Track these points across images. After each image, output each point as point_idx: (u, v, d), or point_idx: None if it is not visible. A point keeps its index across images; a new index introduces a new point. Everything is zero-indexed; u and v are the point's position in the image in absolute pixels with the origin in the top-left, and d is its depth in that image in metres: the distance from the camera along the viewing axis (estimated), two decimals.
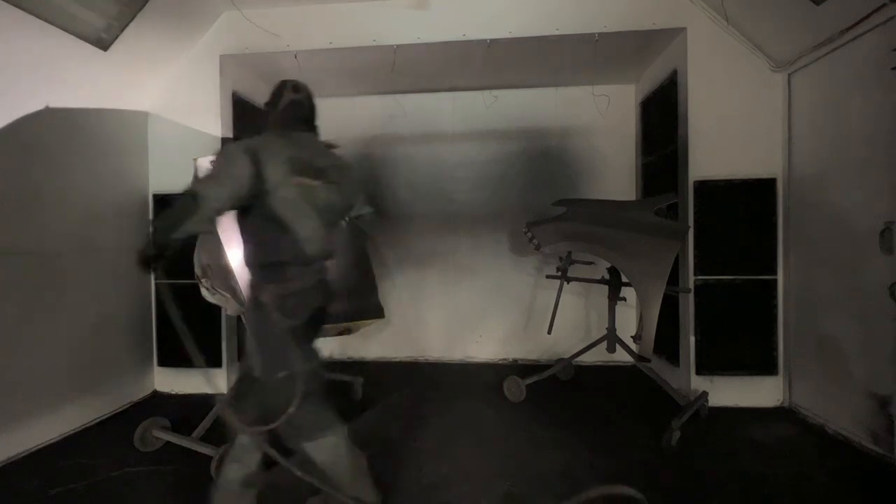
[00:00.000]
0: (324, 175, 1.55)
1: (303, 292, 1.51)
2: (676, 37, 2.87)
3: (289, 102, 1.64)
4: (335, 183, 1.58)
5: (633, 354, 2.83)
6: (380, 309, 3.01)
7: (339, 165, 1.65)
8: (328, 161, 1.61)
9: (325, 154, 1.64)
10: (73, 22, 2.30)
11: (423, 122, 3.86)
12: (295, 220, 1.47)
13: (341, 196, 1.62)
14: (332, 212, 1.60)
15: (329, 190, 1.55)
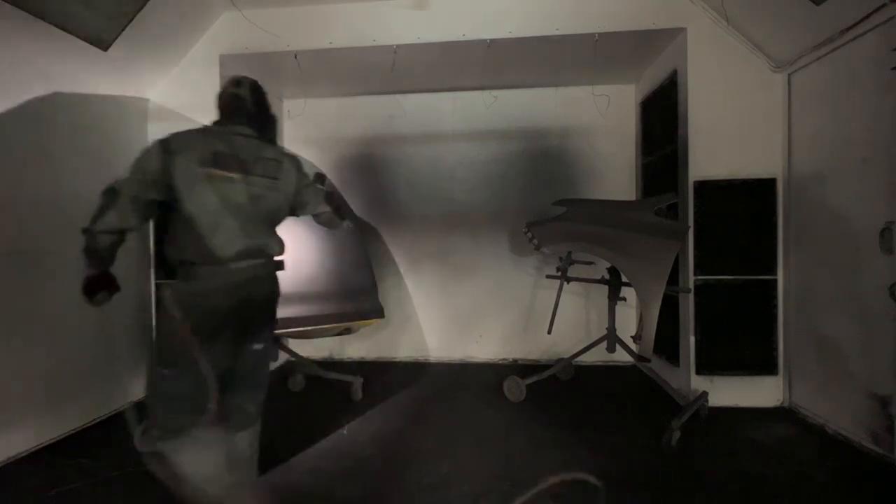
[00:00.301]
0: (250, 169, 1.48)
1: (208, 293, 1.44)
2: (676, 37, 2.87)
3: (228, 96, 1.58)
4: (270, 178, 1.51)
5: (633, 354, 2.83)
6: (380, 309, 3.01)
7: (279, 160, 1.57)
8: (262, 154, 1.53)
9: (257, 148, 1.54)
10: (73, 22, 2.30)
11: (423, 122, 3.86)
12: (203, 217, 1.41)
13: (280, 192, 1.55)
14: (264, 208, 1.52)
15: (260, 185, 1.49)
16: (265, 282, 1.58)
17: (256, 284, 1.54)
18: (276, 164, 1.55)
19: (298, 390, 3.12)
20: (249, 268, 1.50)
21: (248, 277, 1.50)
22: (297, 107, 3.87)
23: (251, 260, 1.50)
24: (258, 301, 1.55)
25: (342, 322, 2.69)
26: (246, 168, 1.47)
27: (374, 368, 3.61)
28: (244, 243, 1.47)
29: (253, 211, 1.49)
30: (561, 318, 3.08)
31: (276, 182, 1.53)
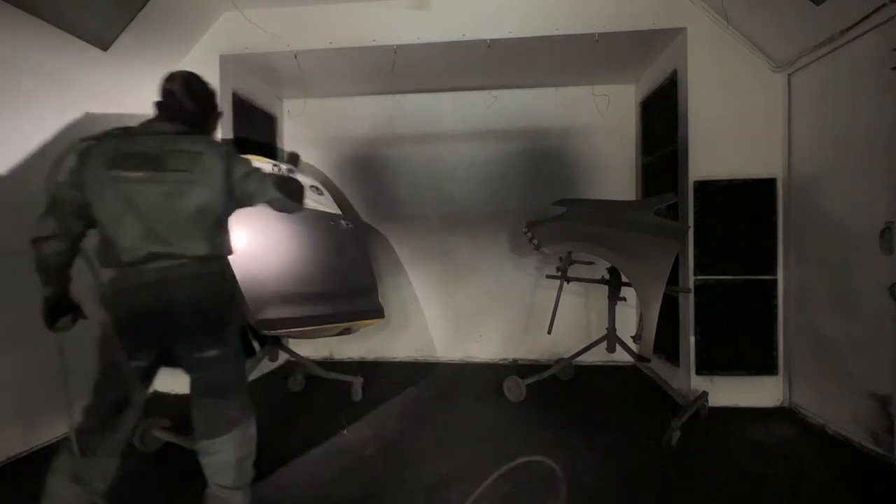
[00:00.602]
0: (161, 165, 1.39)
1: (121, 297, 1.39)
2: (676, 37, 2.87)
3: (161, 93, 1.54)
4: (184, 171, 1.40)
5: (633, 354, 2.83)
6: (380, 309, 3.01)
7: (197, 152, 1.44)
8: (176, 148, 1.42)
9: (172, 142, 1.44)
10: (73, 22, 2.30)
11: (423, 122, 3.86)
12: (109, 220, 1.37)
13: (202, 185, 1.42)
14: (181, 205, 1.40)
15: (173, 181, 1.39)
16: (189, 283, 1.43)
17: (175, 287, 1.42)
18: (192, 157, 1.42)
19: (298, 390, 3.12)
20: (163, 269, 1.39)
21: (160, 279, 1.39)
22: (297, 107, 3.87)
23: (165, 261, 1.39)
24: (182, 304, 1.42)
25: (342, 322, 2.69)
26: (155, 165, 1.38)
27: (374, 368, 3.61)
28: (153, 245, 1.38)
29: (166, 210, 1.39)
30: (561, 318, 3.08)
31: (193, 175, 1.41)
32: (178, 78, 1.55)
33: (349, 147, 3.93)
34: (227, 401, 1.54)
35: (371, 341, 3.89)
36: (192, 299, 1.44)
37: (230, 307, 1.57)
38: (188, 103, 1.53)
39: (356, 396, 2.92)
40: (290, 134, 3.93)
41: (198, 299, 1.45)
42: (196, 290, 1.45)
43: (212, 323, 1.48)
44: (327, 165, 3.93)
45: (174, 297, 1.42)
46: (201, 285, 1.46)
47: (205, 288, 1.47)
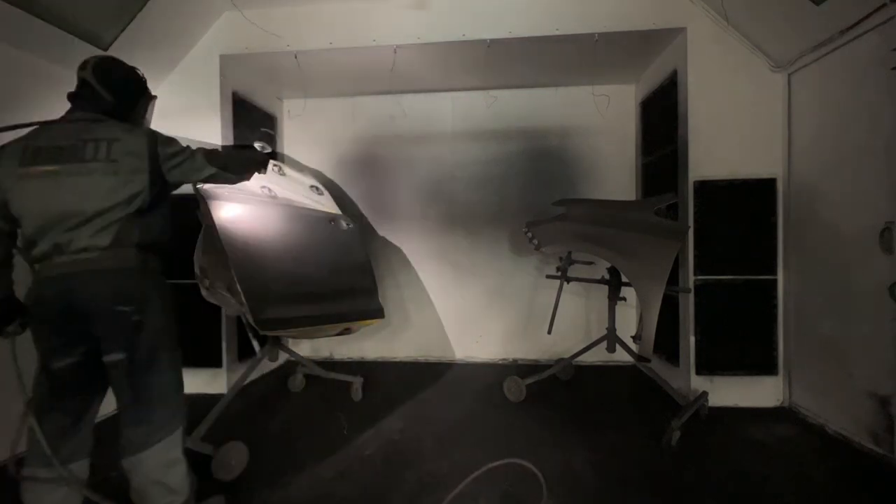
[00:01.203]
0: (75, 156, 1.32)
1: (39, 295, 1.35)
2: (676, 37, 2.87)
3: (77, 82, 1.47)
4: (103, 160, 1.32)
5: (633, 354, 2.83)
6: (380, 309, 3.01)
7: (115, 138, 1.36)
8: (90, 137, 1.35)
9: (86, 131, 1.36)
10: (73, 22, 2.30)
11: (423, 122, 3.86)
12: (25, 217, 1.33)
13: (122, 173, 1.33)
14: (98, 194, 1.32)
15: (89, 171, 1.31)
16: (103, 278, 1.33)
17: (87, 281, 1.32)
18: (108, 145, 1.34)
19: (298, 390, 3.12)
20: (76, 262, 1.31)
21: (71, 273, 1.31)
22: (297, 107, 3.87)
23: (71, 255, 1.31)
24: (91, 301, 1.32)
25: (342, 322, 2.69)
26: (68, 157, 1.32)
27: (374, 368, 3.61)
28: (60, 237, 1.31)
29: (82, 200, 1.31)
30: (561, 318, 3.08)
31: (109, 164, 1.33)
32: (90, 64, 1.46)
33: (349, 147, 3.93)
34: (140, 413, 1.39)
35: (371, 341, 3.89)
36: (106, 294, 1.33)
37: (147, 305, 1.38)
38: (103, 90, 1.45)
39: (356, 396, 2.92)
40: (290, 134, 3.93)
41: (100, 295, 1.32)
42: (99, 284, 1.32)
43: (118, 322, 1.33)
44: (327, 165, 3.93)
45: (87, 291, 1.32)
46: (106, 279, 1.33)
47: (110, 283, 1.33)
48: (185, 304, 2.98)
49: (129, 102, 1.53)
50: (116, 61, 1.53)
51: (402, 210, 3.90)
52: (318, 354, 3.93)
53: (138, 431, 1.39)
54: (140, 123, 1.56)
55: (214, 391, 3.03)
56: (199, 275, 2.50)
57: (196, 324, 3.02)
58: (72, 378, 1.37)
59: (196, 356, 3.03)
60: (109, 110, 1.45)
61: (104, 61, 1.50)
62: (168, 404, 1.45)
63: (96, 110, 1.44)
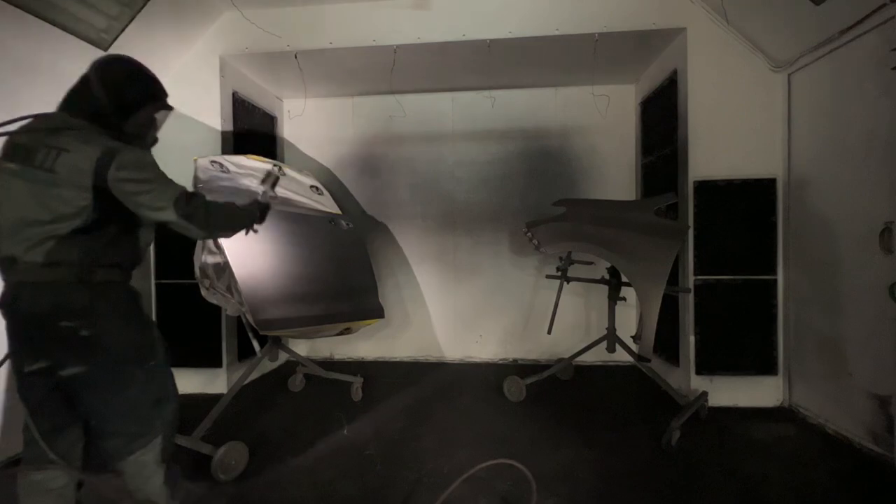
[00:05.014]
0: (30, 159, 1.23)
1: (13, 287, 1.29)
2: (676, 37, 2.87)
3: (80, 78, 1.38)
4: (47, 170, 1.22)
5: (633, 354, 2.83)
6: (380, 309, 3.01)
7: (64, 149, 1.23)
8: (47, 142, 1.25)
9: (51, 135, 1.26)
10: (73, 21, 2.30)
11: (423, 122, 3.86)
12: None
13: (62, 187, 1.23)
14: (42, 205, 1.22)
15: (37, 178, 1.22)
16: (43, 291, 1.25)
17: (31, 294, 1.26)
18: (57, 154, 1.23)
19: (298, 390, 3.12)
20: (24, 272, 1.25)
21: (20, 282, 1.26)
22: (297, 107, 3.88)
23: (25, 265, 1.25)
24: (36, 314, 1.26)
25: (342, 322, 2.69)
26: (26, 159, 1.23)
27: (374, 368, 3.61)
28: (12, 245, 1.25)
29: (32, 208, 1.23)
30: (561, 318, 3.08)
31: (52, 175, 1.22)
32: (95, 65, 1.35)
33: (349, 147, 3.93)
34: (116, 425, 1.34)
35: (371, 341, 3.89)
36: (37, 309, 1.26)
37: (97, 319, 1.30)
38: (100, 90, 1.32)
39: (356, 396, 2.92)
40: (290, 134, 3.93)
41: (43, 309, 1.26)
42: (39, 298, 1.26)
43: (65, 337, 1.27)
44: (327, 165, 3.93)
45: (34, 304, 1.26)
46: (45, 293, 1.26)
47: (49, 297, 1.26)
48: (185, 305, 3.01)
49: (126, 109, 1.37)
50: (125, 60, 1.42)
51: (403, 210, 3.90)
52: (318, 354, 3.93)
53: (110, 444, 1.35)
54: (138, 135, 1.42)
55: (214, 391, 3.03)
56: (199, 275, 2.50)
57: (196, 324, 3.02)
58: (46, 381, 1.32)
59: (196, 356, 3.04)
60: (102, 113, 1.33)
61: (111, 59, 1.40)
62: (140, 416, 1.37)
63: (85, 111, 1.32)
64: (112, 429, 1.35)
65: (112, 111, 1.34)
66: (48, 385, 1.32)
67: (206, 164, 2.43)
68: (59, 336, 1.27)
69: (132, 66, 1.43)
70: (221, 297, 2.52)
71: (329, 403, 2.86)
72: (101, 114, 1.33)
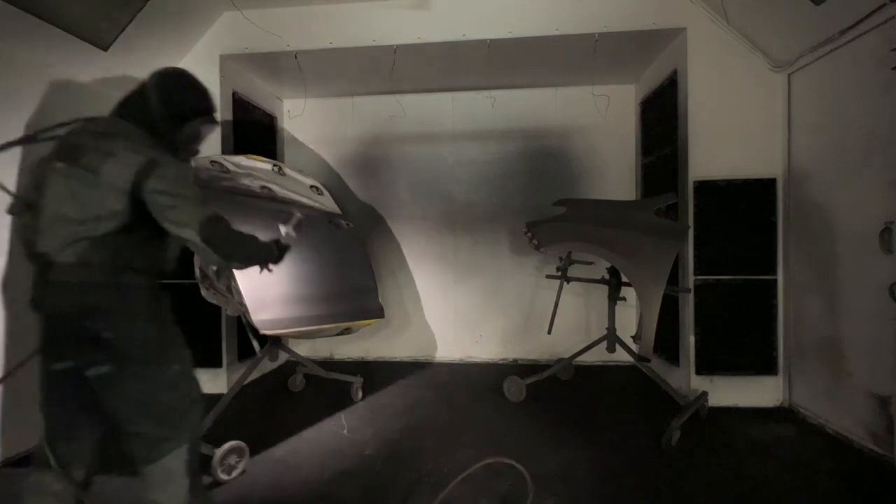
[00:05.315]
0: (76, 159, 1.26)
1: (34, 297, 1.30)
2: (676, 37, 2.87)
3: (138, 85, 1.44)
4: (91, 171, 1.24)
5: (633, 354, 2.83)
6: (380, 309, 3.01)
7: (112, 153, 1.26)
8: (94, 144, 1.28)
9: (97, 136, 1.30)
10: (73, 21, 2.30)
11: (423, 122, 3.86)
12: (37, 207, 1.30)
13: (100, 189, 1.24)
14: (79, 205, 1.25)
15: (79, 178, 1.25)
16: (68, 291, 1.27)
17: (56, 293, 1.28)
18: (104, 157, 1.25)
19: (298, 390, 3.12)
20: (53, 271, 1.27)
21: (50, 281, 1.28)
22: (297, 107, 3.87)
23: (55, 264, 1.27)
24: (65, 314, 1.28)
25: (342, 322, 2.69)
26: (72, 158, 1.27)
27: (374, 368, 3.61)
28: (48, 242, 1.27)
29: (71, 206, 1.26)
30: (561, 318, 3.08)
31: (94, 177, 1.24)
32: (157, 71, 1.41)
33: (349, 147, 3.93)
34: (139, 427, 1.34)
35: (371, 341, 3.89)
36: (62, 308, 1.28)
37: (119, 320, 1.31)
38: (155, 100, 1.38)
39: (356, 396, 2.92)
40: (290, 134, 3.93)
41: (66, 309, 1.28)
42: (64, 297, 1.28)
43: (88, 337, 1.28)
44: (327, 165, 3.93)
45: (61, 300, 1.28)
46: (71, 293, 1.28)
47: (73, 297, 1.28)
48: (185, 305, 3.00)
49: (178, 120, 1.42)
50: (184, 74, 1.46)
51: (403, 210, 3.90)
52: (318, 354, 3.93)
53: (135, 447, 1.34)
54: (184, 146, 1.46)
55: (214, 391, 3.03)
56: (199, 275, 2.50)
57: (196, 324, 3.02)
58: (70, 382, 1.33)
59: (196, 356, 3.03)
60: (154, 121, 1.37)
61: (170, 70, 1.45)
62: (166, 420, 1.36)
63: (138, 117, 1.37)
64: (135, 430, 1.34)
65: (164, 120, 1.38)
66: (71, 386, 1.33)
67: (206, 164, 2.43)
68: (83, 336, 1.28)
69: (189, 79, 1.47)
70: (221, 297, 2.52)
71: (329, 403, 2.86)
72: (154, 122, 1.37)
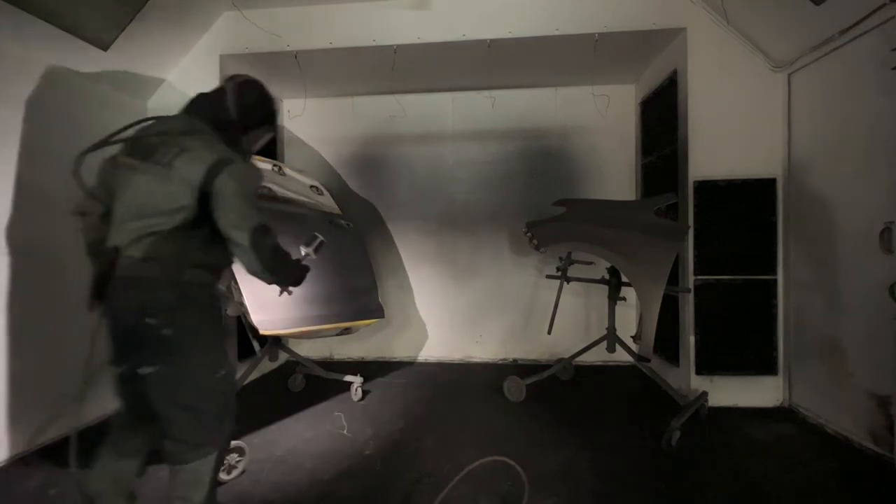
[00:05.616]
0: (151, 154, 1.29)
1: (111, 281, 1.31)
2: (676, 37, 2.87)
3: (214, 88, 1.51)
4: (165, 166, 1.27)
5: (633, 354, 2.83)
6: (380, 309, 3.01)
7: (186, 149, 1.29)
8: (169, 140, 1.31)
9: (177, 134, 1.32)
10: (73, 21, 2.30)
11: (423, 122, 3.86)
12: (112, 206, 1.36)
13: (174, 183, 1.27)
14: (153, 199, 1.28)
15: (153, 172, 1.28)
16: (135, 286, 1.29)
17: (123, 288, 1.29)
18: (179, 152, 1.28)
19: (298, 390, 3.12)
20: (134, 265, 1.29)
21: (118, 276, 1.29)
22: (297, 107, 3.87)
23: (124, 259, 1.29)
24: (129, 310, 1.29)
25: (342, 322, 2.69)
26: (147, 154, 1.30)
27: (374, 368, 3.61)
28: (118, 237, 1.30)
29: (142, 201, 1.29)
30: (561, 318, 3.08)
31: (168, 171, 1.27)
32: (238, 78, 1.51)
33: (349, 147, 3.93)
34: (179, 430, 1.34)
35: (371, 341, 3.89)
36: (127, 303, 1.29)
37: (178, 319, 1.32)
38: (233, 104, 1.44)
39: (356, 396, 2.92)
40: (290, 134, 3.93)
41: (131, 304, 1.29)
42: (130, 293, 1.29)
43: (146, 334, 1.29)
44: (327, 165, 3.93)
45: (128, 296, 1.29)
46: (137, 288, 1.29)
47: (139, 292, 1.29)
48: None
49: (247, 125, 1.49)
50: (259, 84, 1.54)
51: (403, 210, 3.90)
52: (318, 354, 3.93)
53: (172, 447, 1.36)
54: (247, 149, 1.53)
55: None
56: None
57: None
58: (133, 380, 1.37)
59: None
60: (226, 123, 1.43)
61: (248, 79, 1.53)
62: (203, 426, 1.36)
63: (211, 118, 1.41)
64: (175, 432, 1.35)
65: (236, 124, 1.45)
66: (135, 383, 1.36)
67: None
68: (143, 333, 1.30)
69: (263, 90, 1.55)
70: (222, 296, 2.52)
71: (329, 403, 2.86)
72: (227, 124, 1.43)
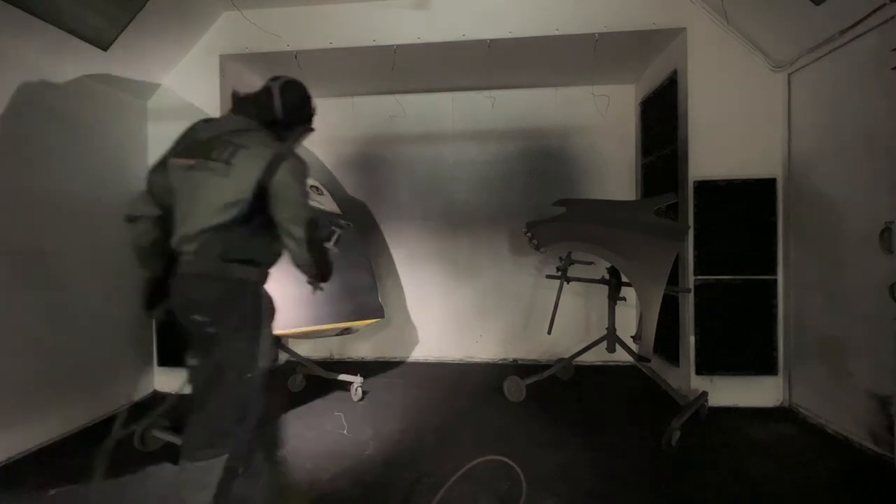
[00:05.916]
0: (207, 153, 1.33)
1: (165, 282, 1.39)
2: (676, 37, 2.87)
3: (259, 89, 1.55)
4: (223, 162, 1.31)
5: (633, 354, 2.83)
6: (380, 309, 3.01)
7: (244, 146, 1.33)
8: (225, 137, 1.36)
9: (231, 133, 1.38)
10: (73, 21, 2.30)
11: (423, 122, 3.86)
12: (167, 205, 1.41)
13: (232, 179, 1.30)
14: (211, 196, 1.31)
15: (212, 169, 1.31)
16: (189, 283, 1.34)
17: (180, 285, 1.35)
18: (236, 149, 1.33)
19: (298, 390, 3.12)
20: (190, 262, 1.34)
21: (185, 272, 1.34)
22: None
23: (190, 253, 1.34)
24: (194, 301, 1.34)
25: (342, 322, 2.69)
26: (203, 153, 1.34)
27: (374, 368, 3.61)
28: (186, 231, 1.33)
29: (200, 198, 1.32)
30: (561, 318, 3.08)
31: (227, 168, 1.30)
32: (282, 79, 1.55)
33: (349, 147, 3.93)
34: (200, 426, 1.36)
35: (371, 341, 3.89)
36: (183, 300, 1.36)
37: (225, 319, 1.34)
38: (279, 105, 1.49)
39: (356, 396, 2.92)
40: None
41: (184, 300, 1.35)
42: (184, 289, 1.35)
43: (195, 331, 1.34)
44: (327, 165, 3.93)
45: (192, 291, 1.34)
46: (190, 285, 1.34)
47: (191, 290, 1.34)
48: None
49: (291, 124, 1.56)
50: (302, 85, 1.62)
51: (403, 210, 3.89)
52: (318, 354, 3.93)
53: (185, 439, 1.39)
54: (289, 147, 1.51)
55: None
56: None
57: None
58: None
59: None
60: (273, 122, 1.48)
61: (295, 81, 1.59)
62: (218, 427, 1.35)
63: (260, 117, 1.46)
64: (197, 427, 1.36)
65: (281, 122, 1.51)
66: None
67: None
68: (193, 329, 1.37)
69: (305, 91, 1.64)
70: None
71: (329, 403, 2.86)
72: (274, 122, 1.49)
